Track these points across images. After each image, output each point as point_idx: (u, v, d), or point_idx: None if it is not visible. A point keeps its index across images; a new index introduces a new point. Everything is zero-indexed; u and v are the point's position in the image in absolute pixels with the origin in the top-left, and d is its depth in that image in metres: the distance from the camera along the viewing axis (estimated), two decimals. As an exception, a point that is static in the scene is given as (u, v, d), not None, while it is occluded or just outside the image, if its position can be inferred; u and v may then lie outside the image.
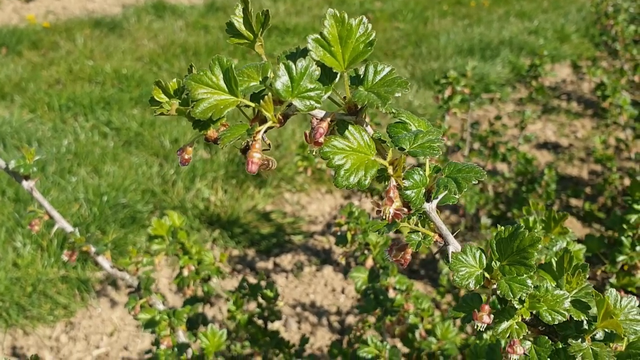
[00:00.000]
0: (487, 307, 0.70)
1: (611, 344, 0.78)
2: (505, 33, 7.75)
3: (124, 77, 6.10)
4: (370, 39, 0.55)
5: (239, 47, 7.21)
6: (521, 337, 0.70)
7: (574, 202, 4.13)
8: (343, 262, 1.81)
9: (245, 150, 0.57)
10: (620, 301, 0.75)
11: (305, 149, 2.67)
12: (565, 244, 1.11)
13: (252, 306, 3.12)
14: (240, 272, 3.72)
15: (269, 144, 0.58)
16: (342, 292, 3.57)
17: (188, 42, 7.15)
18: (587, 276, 0.82)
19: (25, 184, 1.36)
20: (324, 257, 3.87)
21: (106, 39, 7.41)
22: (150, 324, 1.56)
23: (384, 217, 0.59)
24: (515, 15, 8.86)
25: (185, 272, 1.86)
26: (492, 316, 0.70)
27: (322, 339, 3.22)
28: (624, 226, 1.59)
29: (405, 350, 2.05)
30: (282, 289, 3.62)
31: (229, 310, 2.00)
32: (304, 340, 2.17)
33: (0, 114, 5.27)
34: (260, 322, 2.10)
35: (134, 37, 7.45)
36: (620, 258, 1.63)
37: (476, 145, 3.76)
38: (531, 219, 1.13)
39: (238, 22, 0.54)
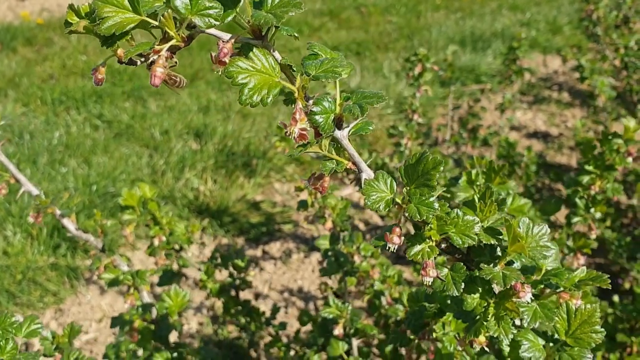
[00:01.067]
0: (397, 230, 0.74)
1: (531, 276, 0.82)
2: (497, 25, 7.78)
3: (116, 72, 6.13)
4: None
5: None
6: (432, 259, 0.74)
7: (558, 186, 4.17)
8: (306, 225, 1.85)
9: (151, 65, 0.61)
10: (532, 228, 0.78)
11: (282, 130, 2.70)
12: (510, 198, 1.15)
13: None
14: (228, 259, 3.76)
15: (176, 62, 0.62)
16: (329, 277, 3.61)
17: (181, 37, 7.19)
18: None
19: (-10, 146, 1.41)
20: (312, 245, 3.90)
21: (99, 35, 7.46)
22: (114, 283, 1.61)
23: (289, 135, 0.63)
24: (508, 8, 8.88)
25: (156, 242, 1.91)
26: (402, 238, 0.74)
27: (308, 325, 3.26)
28: (578, 188, 1.63)
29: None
30: (270, 275, 3.66)
31: (200, 280, 2.04)
32: (275, 309, 2.22)
33: (-7, 108, 5.31)
34: (232, 291, 2.14)
35: (127, 32, 7.50)
36: (575, 219, 1.67)
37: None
38: (474, 171, 1.18)
39: None
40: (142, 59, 0.61)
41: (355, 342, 1.76)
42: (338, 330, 1.68)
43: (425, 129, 5.19)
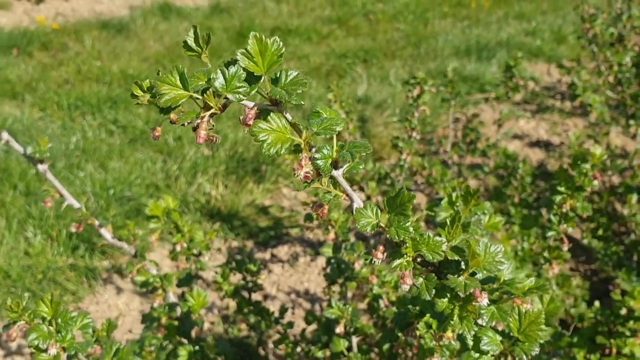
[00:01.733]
0: (381, 247, 0.92)
1: (491, 285, 0.99)
2: (503, 34, 7.93)
3: (130, 77, 6.32)
4: (281, 52, 0.77)
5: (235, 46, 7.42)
6: (409, 271, 0.91)
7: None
8: (311, 236, 2.04)
9: (196, 128, 0.78)
10: (489, 248, 0.96)
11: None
12: (487, 216, 1.33)
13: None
14: (238, 261, 3.94)
15: (213, 125, 0.79)
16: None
17: (193, 44, 7.37)
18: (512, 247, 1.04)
19: (40, 167, 1.60)
20: (318, 249, 4.07)
21: (114, 40, 7.64)
22: (145, 285, 1.81)
23: (296, 176, 0.81)
24: (515, 16, 9.02)
25: (178, 248, 2.11)
26: (385, 254, 0.92)
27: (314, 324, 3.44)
28: (553, 206, 1.82)
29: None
30: (278, 277, 3.84)
31: (216, 282, 2.23)
32: (283, 309, 2.41)
33: (12, 113, 5.50)
34: (245, 293, 2.33)
35: (141, 38, 7.68)
36: (550, 233, 1.86)
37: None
38: (454, 194, 1.35)
39: (190, 40, 0.77)
40: (189, 122, 0.78)
41: (355, 340, 1.95)
42: (339, 329, 1.87)
43: (430, 137, 5.36)
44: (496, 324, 0.96)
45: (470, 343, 1.01)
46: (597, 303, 2.51)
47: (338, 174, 0.85)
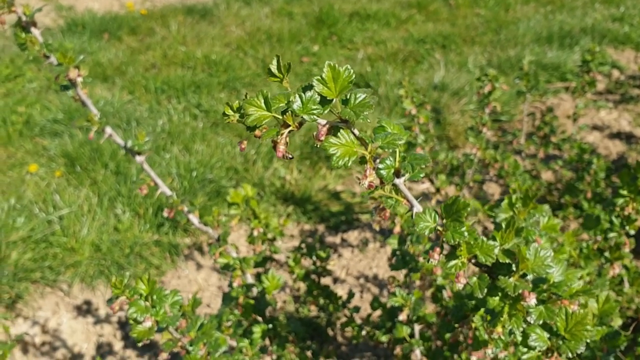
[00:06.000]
0: (438, 249, 1.00)
1: (542, 286, 1.06)
2: (588, 20, 7.65)
3: (212, 63, 6.56)
4: (351, 79, 0.87)
5: (319, 34, 7.53)
6: (464, 271, 0.99)
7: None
8: (377, 228, 2.14)
9: (275, 144, 0.90)
10: (539, 252, 1.03)
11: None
12: (545, 218, 1.38)
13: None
14: (310, 244, 4.08)
15: (288, 141, 0.90)
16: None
17: (272, 29, 7.54)
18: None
19: (138, 158, 1.77)
20: (388, 235, 4.16)
21: (197, 26, 7.92)
22: (226, 267, 1.99)
23: (360, 185, 0.90)
24: (602, 1, 8.67)
25: (255, 233, 2.27)
26: (441, 255, 1.00)
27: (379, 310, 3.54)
28: (615, 208, 1.83)
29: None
30: (347, 261, 3.96)
31: (289, 266, 2.37)
32: (350, 294, 2.53)
33: (103, 95, 5.85)
34: (314, 277, 2.46)
35: (223, 23, 7.92)
36: (611, 235, 1.88)
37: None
38: (514, 196, 1.41)
39: (273, 67, 0.88)
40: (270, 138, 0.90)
41: (417, 327, 2.06)
42: (402, 317, 1.98)
43: (506, 126, 5.30)
44: (544, 322, 1.03)
45: (519, 338, 1.09)
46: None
47: (400, 181, 0.94)
